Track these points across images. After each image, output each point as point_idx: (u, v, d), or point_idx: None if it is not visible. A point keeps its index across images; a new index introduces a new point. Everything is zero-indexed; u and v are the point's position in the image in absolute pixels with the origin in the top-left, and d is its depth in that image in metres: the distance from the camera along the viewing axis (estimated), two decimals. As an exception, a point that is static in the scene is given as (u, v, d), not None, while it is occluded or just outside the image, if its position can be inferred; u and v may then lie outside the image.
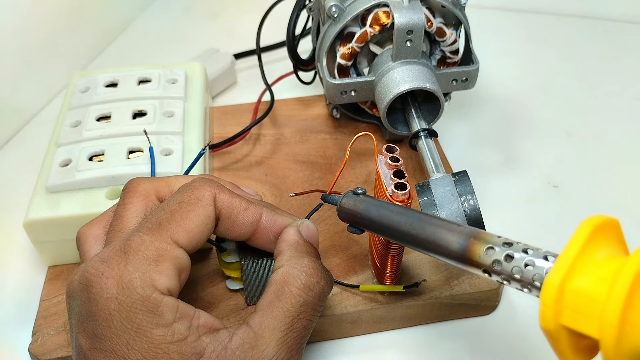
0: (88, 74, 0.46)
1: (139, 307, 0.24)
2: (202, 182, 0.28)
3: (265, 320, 0.26)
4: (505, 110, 0.53)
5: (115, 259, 0.25)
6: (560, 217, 0.42)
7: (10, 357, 0.35)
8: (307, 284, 0.27)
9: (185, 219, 0.26)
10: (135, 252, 0.25)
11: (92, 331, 0.24)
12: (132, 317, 0.24)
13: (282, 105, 0.51)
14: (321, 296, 0.27)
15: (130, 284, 0.24)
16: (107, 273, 0.24)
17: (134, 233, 0.26)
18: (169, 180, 0.30)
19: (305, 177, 0.44)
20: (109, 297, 0.24)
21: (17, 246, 0.41)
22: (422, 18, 0.39)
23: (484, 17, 0.66)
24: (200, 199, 0.27)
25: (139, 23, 0.71)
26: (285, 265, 0.27)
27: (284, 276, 0.27)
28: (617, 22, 0.66)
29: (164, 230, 0.26)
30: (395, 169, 0.30)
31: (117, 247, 0.25)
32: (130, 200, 0.29)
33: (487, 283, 0.35)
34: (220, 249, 0.33)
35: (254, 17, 0.52)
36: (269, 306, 0.26)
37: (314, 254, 0.29)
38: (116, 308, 0.24)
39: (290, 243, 0.29)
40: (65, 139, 0.40)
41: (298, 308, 0.26)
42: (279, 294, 0.26)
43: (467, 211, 0.31)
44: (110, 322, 0.24)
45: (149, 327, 0.24)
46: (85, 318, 0.25)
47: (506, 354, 0.34)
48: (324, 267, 0.28)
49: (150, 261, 0.25)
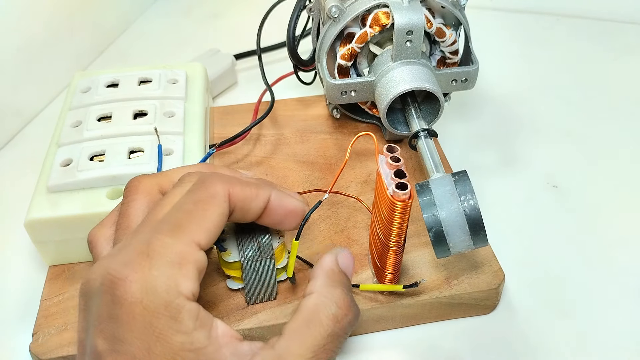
0: (89, 74, 0.47)
1: (162, 312, 0.24)
2: (214, 178, 0.28)
3: (291, 346, 0.25)
4: (505, 111, 0.53)
5: (139, 262, 0.24)
6: (560, 217, 0.43)
7: (11, 356, 0.35)
8: (336, 315, 0.27)
9: (204, 219, 0.26)
10: (159, 255, 0.25)
11: (112, 333, 0.24)
12: (155, 323, 0.24)
13: (283, 105, 0.51)
14: (347, 329, 0.27)
15: (155, 289, 0.24)
16: (131, 277, 0.24)
17: (153, 235, 0.25)
18: (170, 174, 0.30)
19: (305, 177, 0.44)
20: (134, 302, 0.24)
21: (17, 246, 0.41)
22: (422, 18, 0.39)
23: (484, 18, 0.66)
24: (214, 196, 0.27)
25: (139, 23, 0.71)
26: (317, 292, 0.27)
27: (315, 304, 0.27)
28: (617, 23, 0.66)
29: (185, 233, 0.25)
30: (396, 169, 0.30)
31: (138, 249, 0.25)
32: (134, 197, 0.29)
33: (487, 283, 0.35)
34: (220, 249, 0.33)
35: (254, 18, 0.52)
36: (297, 332, 0.26)
37: (347, 286, 0.29)
38: (140, 312, 0.24)
39: (326, 271, 0.29)
40: (66, 139, 0.40)
41: (325, 338, 0.26)
42: (309, 322, 0.26)
43: (466, 211, 0.31)
44: (133, 325, 0.24)
45: (170, 333, 0.24)
46: (106, 319, 0.24)
47: (505, 353, 0.34)
48: (354, 300, 0.28)
49: (174, 265, 0.25)
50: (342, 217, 0.40)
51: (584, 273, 0.39)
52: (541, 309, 0.36)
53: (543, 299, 0.37)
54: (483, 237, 0.32)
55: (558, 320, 0.36)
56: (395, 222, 0.29)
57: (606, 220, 0.42)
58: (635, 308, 0.36)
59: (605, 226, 0.42)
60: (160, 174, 0.31)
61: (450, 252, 0.32)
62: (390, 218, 0.29)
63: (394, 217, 0.29)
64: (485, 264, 0.36)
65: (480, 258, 0.36)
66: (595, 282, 0.38)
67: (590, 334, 0.35)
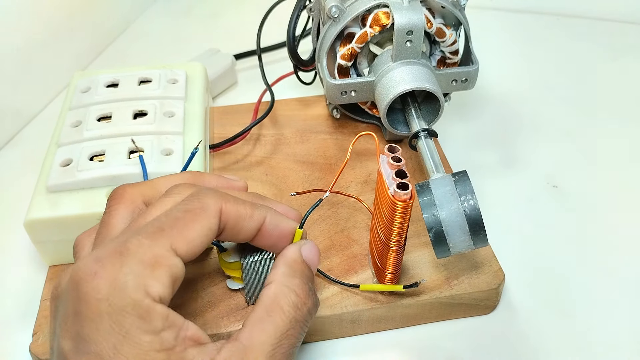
0: (89, 74, 0.47)
1: (129, 310, 0.23)
2: (209, 192, 0.27)
3: (254, 335, 0.25)
4: (505, 111, 0.53)
5: (109, 260, 0.24)
6: (560, 217, 0.43)
7: (11, 356, 0.35)
8: (296, 302, 0.27)
9: (188, 228, 0.26)
10: (133, 254, 0.24)
11: (77, 332, 0.23)
12: (122, 321, 0.23)
13: (283, 105, 0.51)
14: (307, 317, 0.27)
15: (124, 285, 0.23)
16: (100, 273, 0.24)
17: (132, 235, 0.25)
18: (154, 183, 0.30)
19: (305, 177, 0.44)
20: (100, 298, 0.23)
21: (17, 246, 0.41)
22: (422, 18, 0.39)
23: (484, 18, 0.66)
24: (205, 210, 0.27)
25: (139, 23, 0.71)
26: (276, 282, 0.28)
27: (275, 293, 0.27)
28: (617, 22, 0.66)
29: (164, 237, 0.25)
30: (398, 169, 0.30)
31: (112, 248, 0.25)
32: (116, 207, 0.28)
33: (487, 283, 0.35)
34: (220, 249, 0.33)
35: (254, 18, 0.52)
36: (259, 321, 0.26)
37: (307, 276, 0.29)
38: (106, 310, 0.23)
39: (287, 260, 0.29)
40: (65, 138, 0.40)
41: (287, 324, 0.26)
42: (269, 311, 0.26)
43: (466, 211, 0.31)
44: (99, 323, 0.23)
45: (138, 332, 0.23)
46: (71, 318, 0.24)
47: (505, 353, 0.34)
48: (314, 291, 0.28)
49: (146, 266, 0.24)
50: (342, 217, 0.40)
51: (584, 273, 0.39)
52: (541, 309, 0.36)
53: (543, 299, 0.37)
54: (483, 237, 0.32)
55: (558, 320, 0.36)
56: (396, 222, 0.29)
57: (606, 220, 0.42)
58: (635, 308, 0.36)
59: (605, 226, 0.42)
60: (145, 183, 0.30)
61: (450, 252, 0.32)
62: (391, 218, 0.29)
63: (395, 217, 0.29)
64: (485, 264, 0.36)
65: (480, 258, 0.36)
66: (595, 282, 0.38)
67: (590, 334, 0.35)
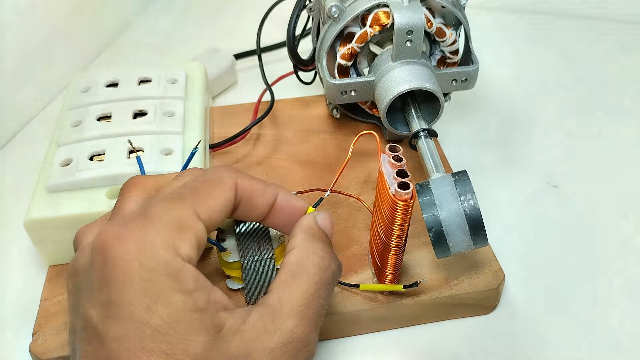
0: (89, 74, 0.47)
1: (161, 270, 0.23)
2: (223, 167, 0.28)
3: (283, 297, 0.25)
4: (505, 110, 0.53)
5: (135, 223, 0.24)
6: (560, 217, 0.43)
7: (11, 356, 0.35)
8: (320, 264, 0.27)
9: (208, 196, 0.26)
10: (158, 217, 0.24)
11: (106, 299, 0.23)
12: (154, 280, 0.22)
13: (283, 105, 0.51)
14: (332, 279, 0.27)
15: (154, 246, 0.23)
16: (126, 235, 0.23)
17: (154, 201, 0.25)
18: (169, 176, 0.30)
19: (305, 177, 0.44)
20: (129, 259, 0.23)
21: (17, 246, 0.41)
22: (422, 18, 0.39)
23: (484, 18, 0.66)
24: (222, 181, 0.27)
25: (139, 23, 0.71)
26: (298, 247, 0.28)
27: (298, 256, 0.27)
28: (617, 22, 0.66)
29: (187, 202, 0.25)
30: (399, 169, 0.30)
31: (136, 212, 0.24)
32: (130, 194, 0.28)
33: (487, 283, 0.35)
34: (220, 249, 0.33)
35: (254, 18, 0.52)
36: (286, 285, 0.26)
37: (326, 241, 0.29)
38: (137, 270, 0.22)
39: (304, 228, 0.29)
40: (65, 138, 0.40)
41: (314, 285, 0.26)
42: (295, 274, 0.26)
43: (466, 211, 0.31)
44: (130, 285, 0.22)
45: (171, 292, 0.23)
46: (98, 285, 0.23)
47: (505, 353, 0.34)
48: (335, 254, 0.28)
49: (172, 227, 0.24)
50: (342, 217, 0.40)
51: (584, 273, 0.39)
52: (541, 308, 0.36)
53: (543, 299, 0.37)
54: (483, 237, 0.32)
55: (558, 320, 0.36)
56: (397, 222, 0.29)
57: (606, 220, 0.42)
58: (635, 308, 0.36)
59: (605, 226, 0.42)
60: (160, 175, 0.30)
61: (450, 252, 0.32)
62: (392, 217, 0.29)
63: (396, 216, 0.29)
64: (485, 264, 0.36)
65: (480, 258, 0.36)
66: (595, 282, 0.38)
67: (590, 334, 0.35)
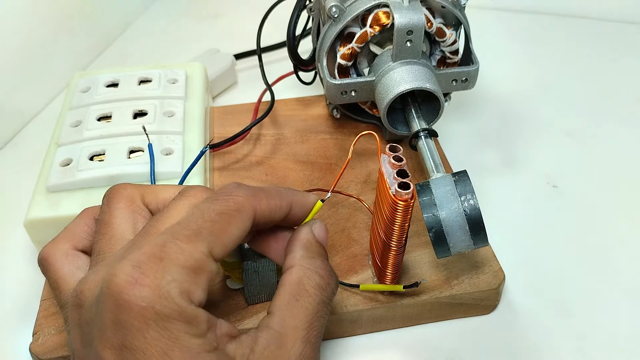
0: (89, 74, 0.47)
1: (176, 317, 0.23)
2: (240, 190, 0.27)
3: (286, 321, 0.25)
4: (505, 110, 0.53)
5: (149, 265, 0.23)
6: (560, 217, 0.43)
7: (11, 356, 0.35)
8: (320, 284, 0.27)
9: (225, 233, 0.25)
10: (174, 260, 0.24)
11: (121, 343, 0.23)
12: (170, 327, 0.23)
13: (283, 105, 0.51)
14: (331, 296, 0.28)
15: (168, 293, 0.23)
16: (141, 280, 0.23)
17: (169, 239, 0.24)
18: (156, 189, 0.30)
19: (305, 177, 0.44)
20: (145, 306, 0.22)
21: (17, 246, 0.41)
22: (422, 18, 0.39)
23: (484, 18, 0.66)
24: (240, 212, 0.26)
25: (139, 23, 0.71)
26: (298, 265, 0.27)
27: (298, 276, 0.27)
28: (617, 22, 0.66)
29: (203, 241, 0.24)
30: (399, 169, 0.30)
31: (149, 252, 0.24)
32: (117, 205, 0.28)
33: (487, 283, 0.35)
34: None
35: (254, 18, 0.52)
36: (288, 306, 0.26)
37: (325, 256, 0.29)
38: (152, 317, 0.22)
39: (303, 243, 0.29)
40: (65, 138, 0.40)
41: (315, 306, 0.26)
42: (296, 295, 0.26)
43: (467, 211, 0.31)
44: (145, 332, 0.22)
45: (187, 337, 0.23)
46: (111, 328, 0.23)
47: (506, 353, 0.34)
48: (332, 268, 0.28)
49: (188, 272, 0.24)
50: (342, 217, 0.40)
51: (584, 273, 0.39)
52: (541, 309, 0.36)
53: (543, 299, 0.37)
54: (483, 237, 0.32)
55: (558, 320, 0.36)
56: (397, 222, 0.29)
57: (606, 220, 0.42)
58: (635, 308, 0.36)
59: (605, 226, 0.42)
60: (145, 185, 0.30)
61: (450, 252, 0.32)
62: (392, 217, 0.29)
63: (396, 216, 0.29)
64: (485, 264, 0.36)
65: (480, 258, 0.36)
66: (595, 282, 0.38)
67: (590, 334, 0.35)
